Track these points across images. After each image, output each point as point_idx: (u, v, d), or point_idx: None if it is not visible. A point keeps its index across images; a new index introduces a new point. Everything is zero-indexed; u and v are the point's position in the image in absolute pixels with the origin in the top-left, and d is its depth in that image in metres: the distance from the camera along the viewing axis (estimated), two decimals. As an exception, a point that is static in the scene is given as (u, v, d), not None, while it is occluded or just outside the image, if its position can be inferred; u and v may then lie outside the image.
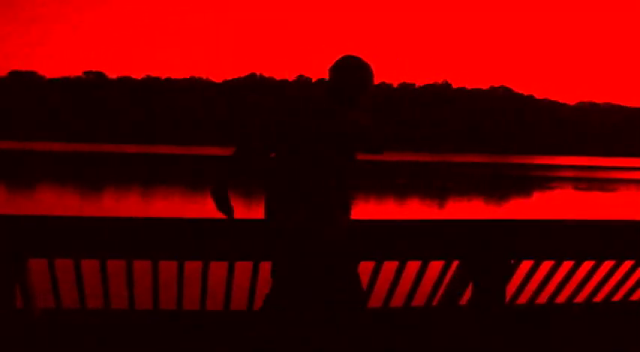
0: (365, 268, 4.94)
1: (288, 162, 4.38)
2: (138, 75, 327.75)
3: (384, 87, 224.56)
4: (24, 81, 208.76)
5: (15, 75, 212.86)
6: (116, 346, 4.90)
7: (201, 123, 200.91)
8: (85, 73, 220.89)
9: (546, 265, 5.20)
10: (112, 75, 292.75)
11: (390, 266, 4.98)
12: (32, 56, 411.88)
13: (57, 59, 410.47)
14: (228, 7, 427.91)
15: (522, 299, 5.39)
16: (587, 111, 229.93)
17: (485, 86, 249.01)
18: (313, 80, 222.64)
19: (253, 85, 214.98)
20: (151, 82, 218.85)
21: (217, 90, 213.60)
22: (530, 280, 5.22)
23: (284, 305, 4.44)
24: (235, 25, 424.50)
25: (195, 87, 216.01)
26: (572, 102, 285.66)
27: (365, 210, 22.41)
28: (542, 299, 5.41)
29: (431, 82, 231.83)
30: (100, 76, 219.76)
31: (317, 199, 4.30)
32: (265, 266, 4.77)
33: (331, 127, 4.36)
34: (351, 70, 4.50)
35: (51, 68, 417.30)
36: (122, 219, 4.63)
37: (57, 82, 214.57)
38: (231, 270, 4.81)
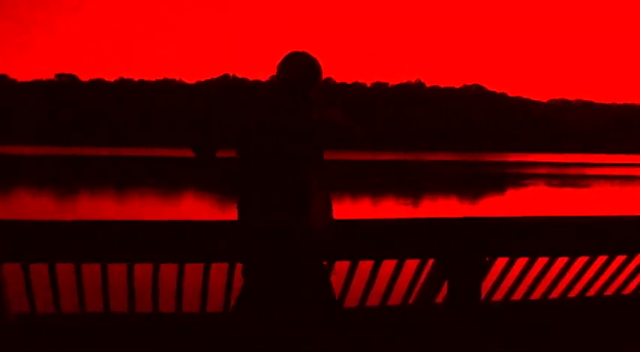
0: (340, 268, 4.95)
1: (261, 161, 4.35)
2: (110, 77, 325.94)
3: (358, 86, 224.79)
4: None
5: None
6: (92, 349, 4.88)
7: (175, 125, 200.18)
8: (58, 75, 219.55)
9: (521, 262, 5.23)
10: (85, 77, 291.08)
11: (365, 266, 4.99)
12: (4, 59, 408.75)
13: (29, 62, 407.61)
14: (200, 8, 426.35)
15: (498, 296, 5.41)
16: (560, 109, 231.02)
17: (458, 85, 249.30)
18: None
19: (226, 86, 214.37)
20: (123, 84, 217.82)
21: (190, 92, 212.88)
22: (505, 277, 5.24)
23: (255, 305, 4.42)
24: (207, 26, 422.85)
25: (168, 88, 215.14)
26: (544, 99, 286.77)
27: (340, 209, 22.40)
28: (518, 295, 5.44)
29: (404, 82, 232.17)
30: (72, 78, 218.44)
31: (291, 197, 4.29)
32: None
33: (300, 125, 4.34)
34: (302, 68, 4.49)
35: (23, 71, 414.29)
36: (97, 223, 4.61)
37: (29, 85, 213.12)
38: (206, 271, 4.81)
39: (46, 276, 4.77)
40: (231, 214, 4.43)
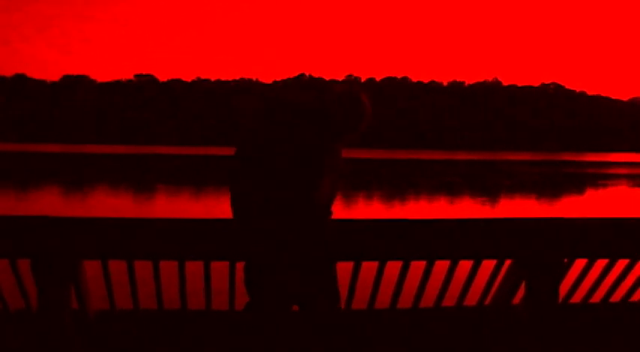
0: (415, 267, 4.94)
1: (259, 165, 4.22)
2: (188, 77, 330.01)
3: (434, 85, 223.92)
4: (76, 84, 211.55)
5: (67, 79, 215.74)
6: (171, 346, 4.94)
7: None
8: (137, 75, 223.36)
9: (600, 263, 5.14)
10: (163, 78, 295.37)
11: (441, 266, 4.96)
12: (85, 60, 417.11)
13: (108, 63, 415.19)
14: (277, 8, 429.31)
15: (576, 298, 5.33)
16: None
17: (536, 83, 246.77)
18: (362, 79, 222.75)
19: (302, 85, 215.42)
20: (201, 84, 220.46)
21: (267, 91, 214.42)
22: (584, 279, 5.16)
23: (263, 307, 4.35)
24: (284, 25, 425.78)
25: (245, 88, 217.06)
26: (625, 97, 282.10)
27: (416, 208, 22.35)
28: (597, 298, 5.35)
29: (481, 80, 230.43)
30: (151, 78, 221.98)
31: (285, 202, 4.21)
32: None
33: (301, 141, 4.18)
34: (351, 115, 4.24)
35: (102, 72, 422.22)
36: (175, 221, 4.65)
37: (109, 85, 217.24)
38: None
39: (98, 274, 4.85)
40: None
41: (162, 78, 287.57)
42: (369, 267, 4.93)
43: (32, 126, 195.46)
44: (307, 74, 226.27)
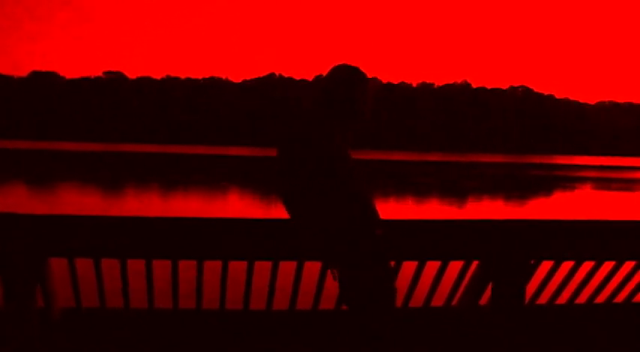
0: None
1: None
2: (157, 75, 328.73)
3: (404, 86, 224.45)
4: (44, 81, 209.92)
5: (35, 75, 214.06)
6: (138, 345, 4.92)
7: (221, 123, 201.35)
8: (105, 73, 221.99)
9: (567, 265, 5.18)
10: (132, 75, 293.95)
11: (409, 266, 4.97)
12: (52, 57, 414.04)
13: (77, 59, 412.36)
14: (247, 7, 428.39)
15: (542, 300, 5.36)
16: (608, 111, 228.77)
17: (505, 86, 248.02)
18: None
19: (272, 85, 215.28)
20: (170, 82, 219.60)
21: (236, 90, 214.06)
22: (551, 280, 5.20)
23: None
24: (254, 24, 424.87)
25: (214, 86, 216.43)
26: (592, 101, 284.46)
27: (385, 209, 22.40)
28: (563, 299, 5.39)
29: (451, 82, 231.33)
30: (119, 76, 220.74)
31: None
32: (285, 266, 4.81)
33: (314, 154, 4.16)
34: (347, 85, 4.29)
35: (71, 69, 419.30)
36: (143, 219, 4.63)
37: (77, 82, 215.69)
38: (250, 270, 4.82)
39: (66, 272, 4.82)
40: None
41: (132, 75, 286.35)
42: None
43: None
44: (277, 74, 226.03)
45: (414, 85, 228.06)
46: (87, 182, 33.61)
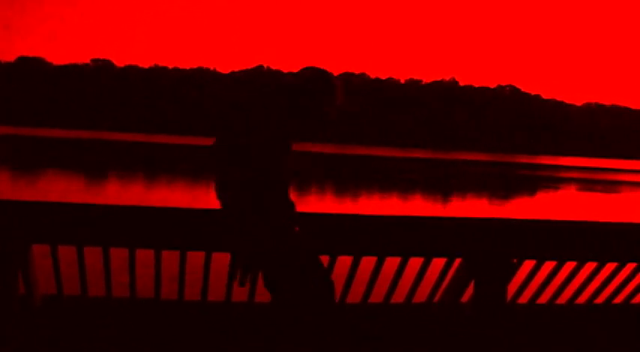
0: (367, 263, 4.95)
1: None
2: (145, 63, 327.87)
3: (392, 82, 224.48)
4: (31, 67, 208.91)
5: (23, 61, 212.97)
6: (118, 333, 4.91)
7: (207, 113, 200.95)
8: (93, 60, 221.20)
9: (548, 265, 5.20)
10: (120, 63, 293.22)
11: (392, 262, 4.98)
12: (40, 42, 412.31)
13: (65, 46, 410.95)
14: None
15: (523, 299, 5.38)
16: (594, 113, 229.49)
17: (492, 85, 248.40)
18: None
19: (260, 77, 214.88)
20: (158, 71, 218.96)
21: (224, 81, 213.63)
22: (532, 280, 5.22)
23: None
24: (244, 16, 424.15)
25: (201, 77, 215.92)
26: (579, 102, 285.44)
27: (369, 204, 22.42)
28: (544, 299, 5.41)
29: (438, 79, 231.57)
30: (107, 63, 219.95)
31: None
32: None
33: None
34: (311, 90, 4.26)
35: (59, 55, 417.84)
36: (126, 208, 4.62)
37: (64, 68, 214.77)
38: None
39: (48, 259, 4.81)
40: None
41: (120, 63, 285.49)
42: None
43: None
44: (265, 66, 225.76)
45: (402, 81, 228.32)
46: (72, 169, 33.51)
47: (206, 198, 21.61)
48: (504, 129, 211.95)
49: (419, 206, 23.47)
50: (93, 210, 4.59)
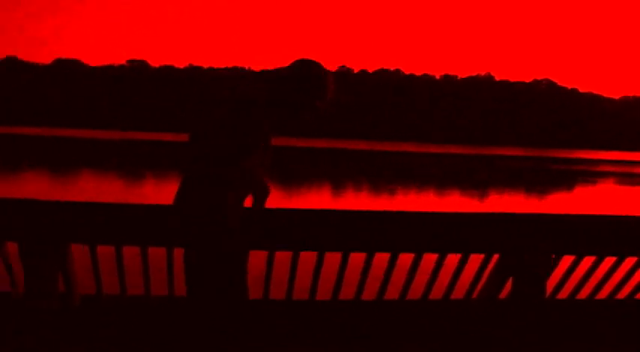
0: (403, 260, 4.94)
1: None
2: (180, 64, 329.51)
3: (427, 78, 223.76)
4: (68, 69, 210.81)
5: (60, 63, 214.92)
6: (155, 332, 4.93)
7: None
8: (129, 61, 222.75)
9: (587, 261, 5.15)
10: (155, 63, 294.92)
11: (429, 259, 4.96)
12: (78, 45, 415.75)
13: (101, 47, 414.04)
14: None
15: (563, 295, 5.34)
16: (632, 106, 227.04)
17: (528, 79, 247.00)
18: (355, 71, 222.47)
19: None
20: (193, 71, 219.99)
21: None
22: (572, 275, 5.17)
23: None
24: (277, 13, 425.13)
25: (237, 76, 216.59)
26: (616, 96, 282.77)
27: (406, 201, 22.37)
28: (583, 294, 5.37)
29: (474, 74, 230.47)
30: (143, 64, 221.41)
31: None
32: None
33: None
34: (301, 80, 4.23)
35: (95, 56, 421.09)
36: (163, 207, 4.64)
37: (101, 69, 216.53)
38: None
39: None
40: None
41: (155, 64, 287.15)
42: (356, 258, 4.94)
43: (23, 109, 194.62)
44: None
45: (437, 77, 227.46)
46: (109, 169, 33.75)
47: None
48: (541, 124, 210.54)
49: (455, 202, 23.37)
50: (130, 209, 4.61)
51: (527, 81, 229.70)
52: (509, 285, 5.06)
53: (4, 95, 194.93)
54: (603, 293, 5.37)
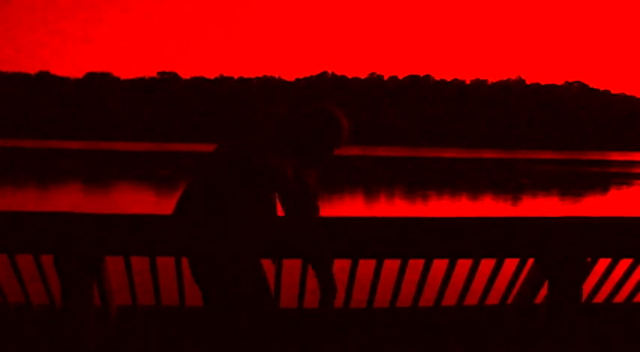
0: (437, 266, 4.92)
1: None
2: (210, 75, 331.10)
3: (457, 83, 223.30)
4: (100, 82, 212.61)
5: (91, 76, 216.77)
6: (192, 344, 4.95)
7: (274, 121, 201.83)
8: (159, 73, 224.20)
9: (624, 263, 5.10)
10: (185, 75, 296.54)
11: (464, 264, 4.94)
12: (107, 58, 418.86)
13: (131, 60, 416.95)
14: (301, 5, 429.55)
15: (599, 298, 5.29)
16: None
17: (559, 82, 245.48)
18: (385, 77, 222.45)
19: (325, 84, 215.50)
20: (223, 81, 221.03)
21: (289, 89, 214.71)
22: (608, 279, 5.13)
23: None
24: (308, 22, 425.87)
25: (267, 86, 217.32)
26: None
27: (439, 206, 22.31)
28: (620, 298, 5.32)
29: (504, 78, 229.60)
30: (173, 76, 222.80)
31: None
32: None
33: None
34: (316, 134, 4.28)
35: (126, 69, 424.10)
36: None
37: (132, 82, 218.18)
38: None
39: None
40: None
41: (185, 75, 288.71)
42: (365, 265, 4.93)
43: (55, 123, 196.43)
44: (330, 72, 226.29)
45: (467, 81, 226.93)
46: (143, 180, 33.94)
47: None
48: (573, 126, 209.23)
49: (489, 206, 23.27)
50: (165, 221, 4.63)
51: (559, 83, 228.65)
52: (544, 290, 5.02)
53: (38, 110, 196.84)
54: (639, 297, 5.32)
